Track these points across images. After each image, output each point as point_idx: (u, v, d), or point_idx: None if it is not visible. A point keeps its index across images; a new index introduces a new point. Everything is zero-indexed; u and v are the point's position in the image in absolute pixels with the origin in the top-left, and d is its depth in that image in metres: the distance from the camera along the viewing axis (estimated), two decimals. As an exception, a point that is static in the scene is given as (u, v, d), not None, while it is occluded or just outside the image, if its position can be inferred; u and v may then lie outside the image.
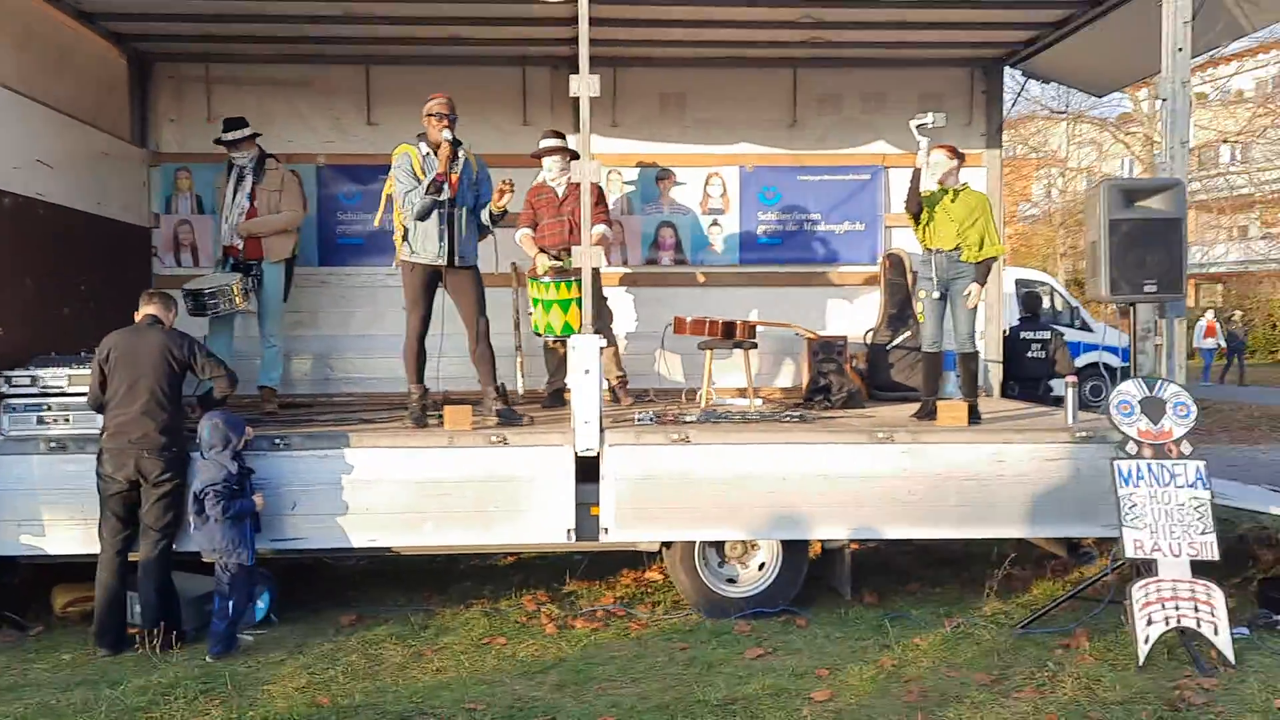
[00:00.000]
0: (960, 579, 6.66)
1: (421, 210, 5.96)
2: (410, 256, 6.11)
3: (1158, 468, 5.40)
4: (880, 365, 7.99)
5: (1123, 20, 6.72)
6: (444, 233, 6.04)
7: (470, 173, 6.17)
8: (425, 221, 6.02)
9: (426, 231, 6.05)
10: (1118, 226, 5.74)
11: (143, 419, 5.25)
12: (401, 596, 6.34)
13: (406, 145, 6.15)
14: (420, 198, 5.94)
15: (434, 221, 6.03)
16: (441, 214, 6.02)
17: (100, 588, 5.31)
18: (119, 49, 7.64)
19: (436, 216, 6.02)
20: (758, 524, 5.75)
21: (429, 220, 6.02)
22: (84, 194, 6.80)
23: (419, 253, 6.08)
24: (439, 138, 6.00)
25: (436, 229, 6.03)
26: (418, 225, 6.04)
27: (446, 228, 6.04)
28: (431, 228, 6.04)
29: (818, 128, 8.35)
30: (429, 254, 6.07)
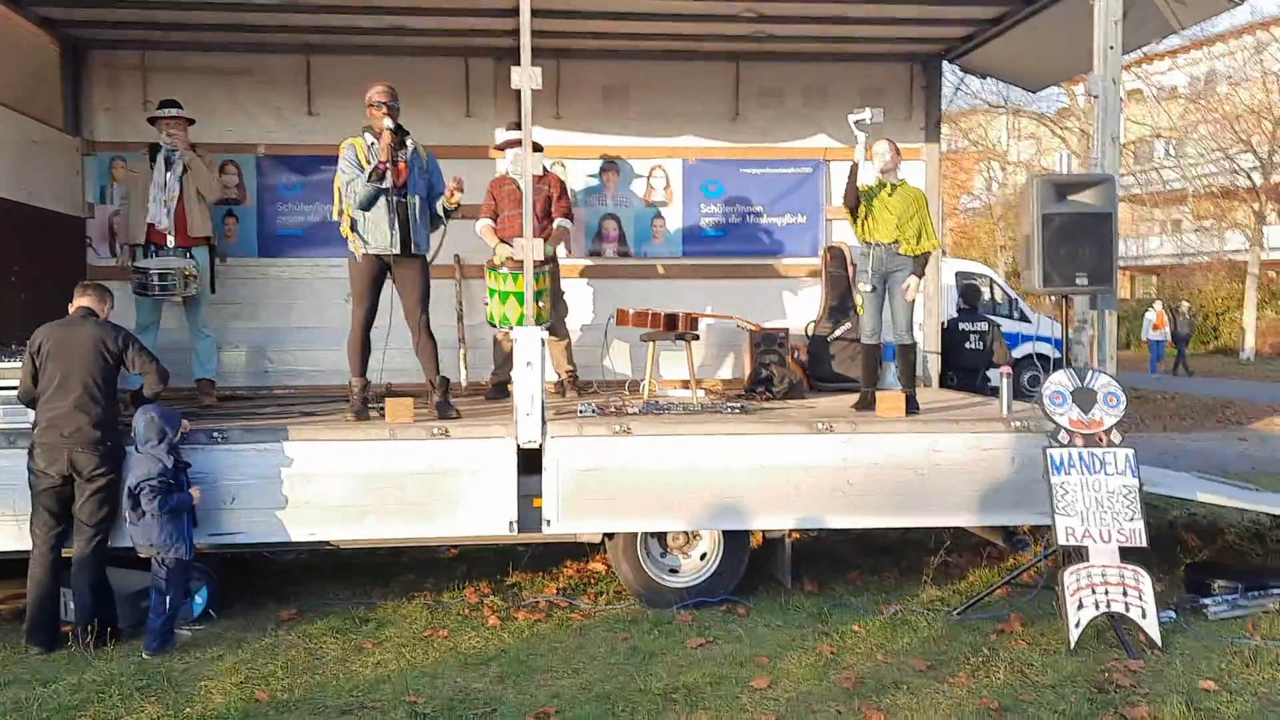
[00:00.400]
0: (899, 567, 6.77)
1: (364, 198, 5.92)
2: (362, 247, 6.05)
3: (1089, 456, 5.54)
4: (822, 357, 8.08)
5: (1056, 18, 6.85)
6: (394, 220, 5.99)
7: (420, 162, 6.13)
8: (373, 211, 5.97)
9: (376, 221, 5.99)
10: (1050, 220, 5.87)
11: (76, 413, 5.16)
12: (343, 590, 6.30)
13: (354, 138, 6.09)
14: (362, 186, 5.90)
15: (383, 210, 5.98)
16: (390, 202, 5.98)
17: (32, 585, 5.21)
18: (51, 35, 7.45)
19: (385, 205, 5.97)
20: (699, 515, 5.80)
21: (378, 210, 5.97)
22: (13, 183, 6.64)
23: (370, 243, 6.03)
24: (381, 125, 5.95)
25: (386, 217, 5.98)
26: (366, 216, 5.99)
27: (396, 216, 5.99)
28: (381, 216, 5.98)
29: (760, 121, 8.41)
30: (380, 244, 6.02)
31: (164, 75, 7.83)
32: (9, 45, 6.91)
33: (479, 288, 7.89)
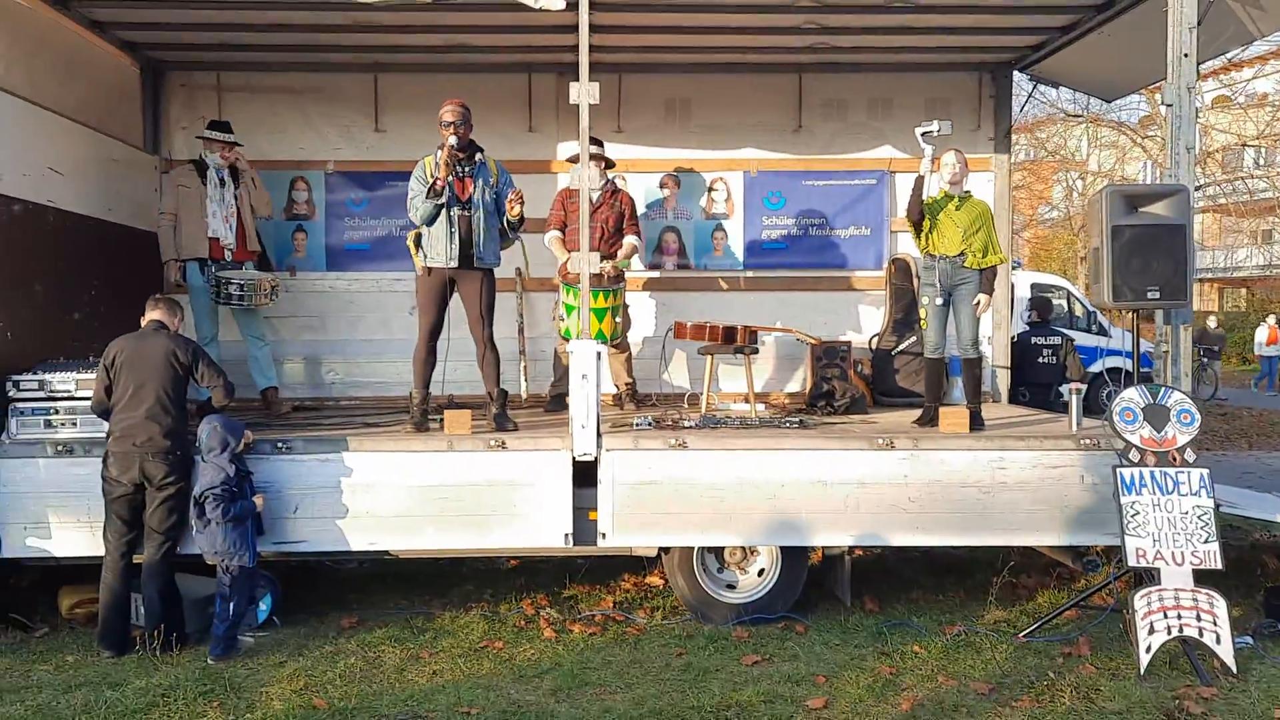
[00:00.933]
0: (963, 587, 6.63)
1: (424, 214, 6.04)
2: (423, 261, 6.17)
3: (1161, 475, 5.36)
4: (886, 371, 7.97)
5: (1131, 25, 6.68)
6: (452, 235, 6.08)
7: (488, 176, 6.20)
8: (435, 226, 6.08)
9: (437, 235, 6.10)
10: (1120, 233, 5.71)
11: (147, 423, 5.31)
12: (403, 599, 6.38)
13: (429, 155, 6.20)
14: (422, 202, 6.02)
15: (442, 225, 6.08)
16: (451, 217, 6.07)
17: (105, 589, 5.37)
18: (131, 57, 7.73)
19: (445, 220, 6.07)
20: (756, 530, 5.75)
21: (440, 224, 6.08)
22: (94, 200, 6.89)
23: (430, 256, 6.14)
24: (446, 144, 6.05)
25: (445, 232, 6.08)
26: (429, 230, 6.11)
27: (455, 230, 6.09)
28: (442, 231, 6.09)
29: (823, 133, 8.35)
30: (438, 257, 6.12)
31: (238, 94, 8.07)
32: (93, 68, 7.18)
33: (539, 300, 7.98)
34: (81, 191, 6.70)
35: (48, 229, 6.27)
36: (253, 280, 6.94)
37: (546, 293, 7.82)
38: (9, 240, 5.78)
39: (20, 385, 5.69)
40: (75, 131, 6.72)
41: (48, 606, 6.05)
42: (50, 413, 5.70)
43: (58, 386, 5.72)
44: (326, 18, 6.78)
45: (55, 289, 6.33)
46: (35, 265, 6.10)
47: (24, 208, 5.99)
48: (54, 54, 6.63)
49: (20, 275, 5.93)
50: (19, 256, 5.89)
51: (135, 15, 6.90)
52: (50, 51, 6.58)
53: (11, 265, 5.80)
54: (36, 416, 5.69)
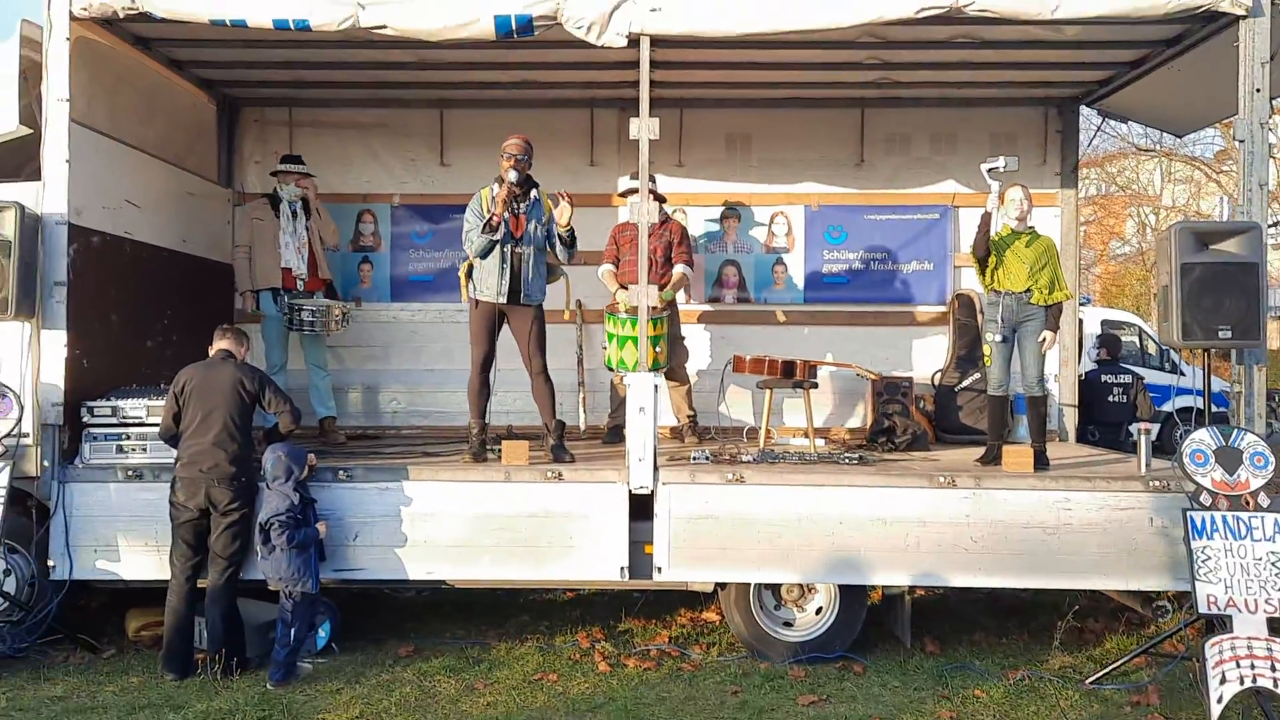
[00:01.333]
0: (1027, 630, 6.47)
1: (479, 248, 6.13)
2: (473, 293, 6.25)
3: (1233, 520, 5.20)
4: (948, 407, 7.86)
5: (1201, 60, 6.55)
6: (503, 270, 6.16)
7: (541, 214, 6.28)
8: (487, 260, 6.16)
9: (489, 270, 6.18)
10: (1190, 270, 5.59)
11: (214, 449, 5.44)
12: (459, 629, 6.41)
13: (486, 187, 6.31)
14: (477, 235, 6.10)
15: (495, 260, 6.17)
16: (504, 253, 6.15)
17: (170, 613, 5.48)
18: (208, 94, 7.99)
19: (498, 255, 6.15)
20: (814, 567, 5.68)
21: (492, 259, 6.16)
22: (169, 232, 7.10)
23: (480, 290, 6.21)
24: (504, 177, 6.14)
25: (498, 267, 6.16)
26: (481, 264, 6.19)
27: (507, 266, 6.16)
28: (492, 265, 6.17)
29: (885, 167, 8.31)
30: (489, 291, 6.20)
31: (308, 129, 8.29)
32: (171, 105, 7.43)
33: (599, 332, 8.01)
34: (158, 223, 6.92)
35: (125, 260, 6.47)
36: (324, 307, 7.16)
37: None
38: (88, 271, 5.97)
39: (94, 411, 5.87)
40: (153, 166, 6.95)
41: (115, 628, 6.19)
42: (122, 438, 5.88)
43: (130, 413, 5.90)
44: (394, 55, 6.93)
45: (130, 318, 6.52)
46: (112, 295, 6.30)
47: (102, 239, 6.20)
48: (134, 91, 6.87)
49: (97, 304, 6.12)
50: (97, 286, 6.09)
51: (213, 55, 7.13)
52: (131, 89, 6.82)
53: (89, 295, 5.99)
54: (109, 442, 5.87)
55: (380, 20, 5.72)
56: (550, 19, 5.73)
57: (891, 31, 6.14)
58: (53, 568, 5.68)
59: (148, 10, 5.72)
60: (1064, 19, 5.75)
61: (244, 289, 7.43)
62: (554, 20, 5.73)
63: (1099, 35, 6.45)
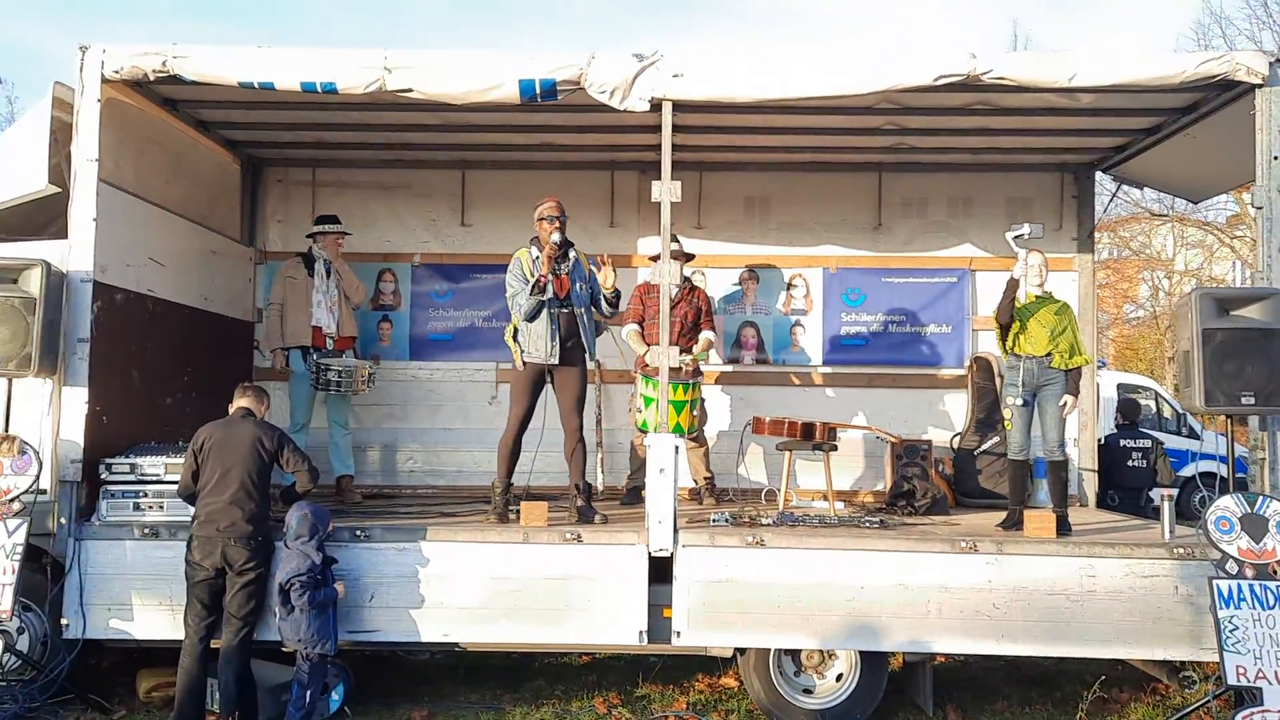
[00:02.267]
0: (1051, 699, 6.35)
1: (528, 311, 6.14)
2: (522, 355, 6.26)
3: (1260, 589, 5.14)
4: (968, 471, 7.81)
5: (1217, 126, 6.60)
6: (554, 332, 6.18)
7: (582, 272, 6.31)
8: (534, 322, 6.18)
9: (536, 331, 6.20)
10: (1211, 336, 5.57)
11: (231, 508, 5.41)
12: (474, 693, 6.32)
13: (521, 250, 6.34)
14: (526, 299, 6.12)
15: (544, 322, 6.18)
16: (551, 314, 6.17)
17: (182, 673, 5.41)
18: (233, 154, 8.10)
19: (546, 316, 6.17)
20: (834, 633, 5.60)
21: (541, 321, 6.18)
22: (191, 290, 7.16)
23: (529, 351, 6.23)
24: (547, 240, 6.17)
25: (549, 328, 6.18)
26: (528, 326, 6.21)
27: (557, 327, 6.19)
28: (541, 327, 6.19)
29: (903, 230, 8.36)
30: (539, 353, 6.21)
31: (331, 189, 8.39)
32: (196, 164, 7.53)
33: (617, 392, 8.02)
34: (180, 281, 6.97)
35: (147, 317, 6.52)
36: (351, 368, 7.18)
37: (624, 385, 7.86)
38: (110, 328, 6.00)
39: (112, 468, 5.86)
40: (177, 224, 7.03)
41: (126, 688, 6.12)
42: (139, 495, 5.85)
43: (148, 470, 5.88)
44: (417, 118, 7.03)
45: (151, 374, 6.54)
46: (133, 351, 6.33)
47: (125, 296, 6.24)
48: (161, 151, 6.97)
49: (119, 361, 6.15)
50: (118, 343, 6.11)
51: (239, 116, 7.25)
52: (157, 149, 6.92)
53: (110, 351, 6.01)
54: (126, 499, 5.84)
55: (406, 84, 5.82)
56: (574, 84, 5.82)
57: (909, 98, 6.21)
58: (66, 626, 5.63)
59: (178, 73, 5.84)
60: (1080, 87, 5.82)
61: (273, 346, 7.46)
62: (577, 85, 5.82)
63: (1115, 103, 6.50)
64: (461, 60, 5.85)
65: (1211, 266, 26.52)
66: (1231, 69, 5.71)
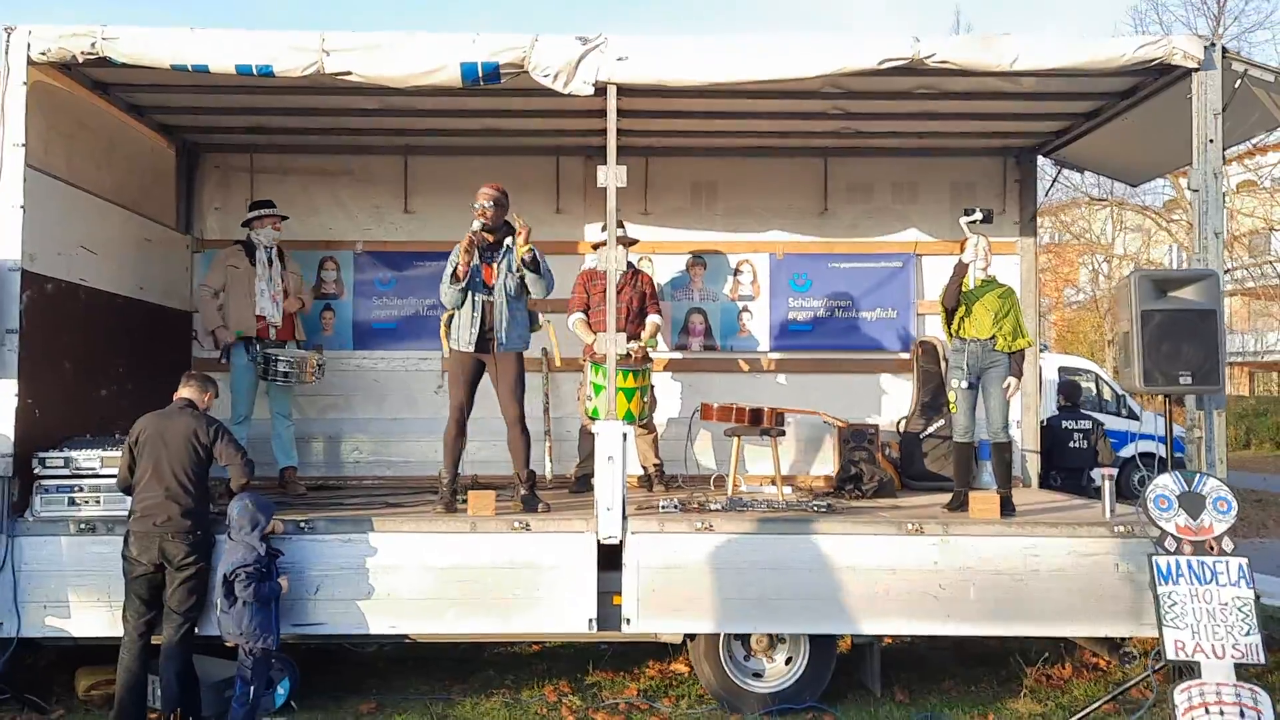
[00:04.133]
0: (996, 677, 6.44)
1: (449, 300, 6.13)
2: (451, 344, 6.21)
3: (1198, 565, 5.22)
4: (914, 454, 7.88)
5: (1155, 111, 6.69)
6: (474, 320, 6.12)
7: (512, 261, 6.23)
8: (461, 310, 6.13)
9: (462, 319, 6.16)
10: (1150, 317, 5.66)
11: (167, 502, 5.28)
12: (423, 684, 6.25)
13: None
14: (446, 286, 6.08)
15: (468, 309, 6.13)
16: (475, 302, 6.11)
17: (122, 671, 5.29)
18: (168, 140, 7.89)
19: (470, 304, 6.11)
20: (783, 617, 5.63)
21: (465, 308, 6.13)
22: (126, 279, 6.96)
23: (456, 339, 6.18)
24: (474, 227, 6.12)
25: (469, 317, 6.12)
26: (459, 314, 6.16)
27: (478, 315, 6.12)
28: (465, 315, 6.13)
29: (849, 216, 8.38)
30: (461, 341, 6.15)
31: (270, 176, 8.20)
32: (129, 150, 7.32)
33: (565, 380, 7.97)
34: (114, 270, 6.78)
35: (79, 307, 6.33)
36: (300, 358, 7.03)
37: (572, 373, 7.81)
38: (40, 318, 5.82)
39: (46, 462, 5.70)
40: (110, 211, 6.83)
41: (64, 687, 5.96)
42: (74, 490, 5.70)
43: (83, 464, 5.72)
44: (359, 102, 6.90)
45: (84, 366, 6.37)
46: (65, 342, 6.14)
47: (56, 286, 6.06)
48: (92, 136, 6.77)
49: (50, 352, 5.97)
50: (49, 334, 5.93)
51: (173, 100, 7.05)
52: (89, 133, 6.72)
53: (42, 342, 5.83)
54: (60, 494, 5.69)
55: (345, 67, 5.70)
56: (517, 67, 5.74)
57: (854, 82, 6.21)
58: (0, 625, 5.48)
59: (108, 55, 5.66)
60: (1021, 70, 5.86)
61: (214, 325, 7.13)
62: (521, 68, 5.74)
63: (1055, 87, 6.57)
64: (402, 42, 5.73)
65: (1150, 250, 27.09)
66: (1168, 53, 5.78)
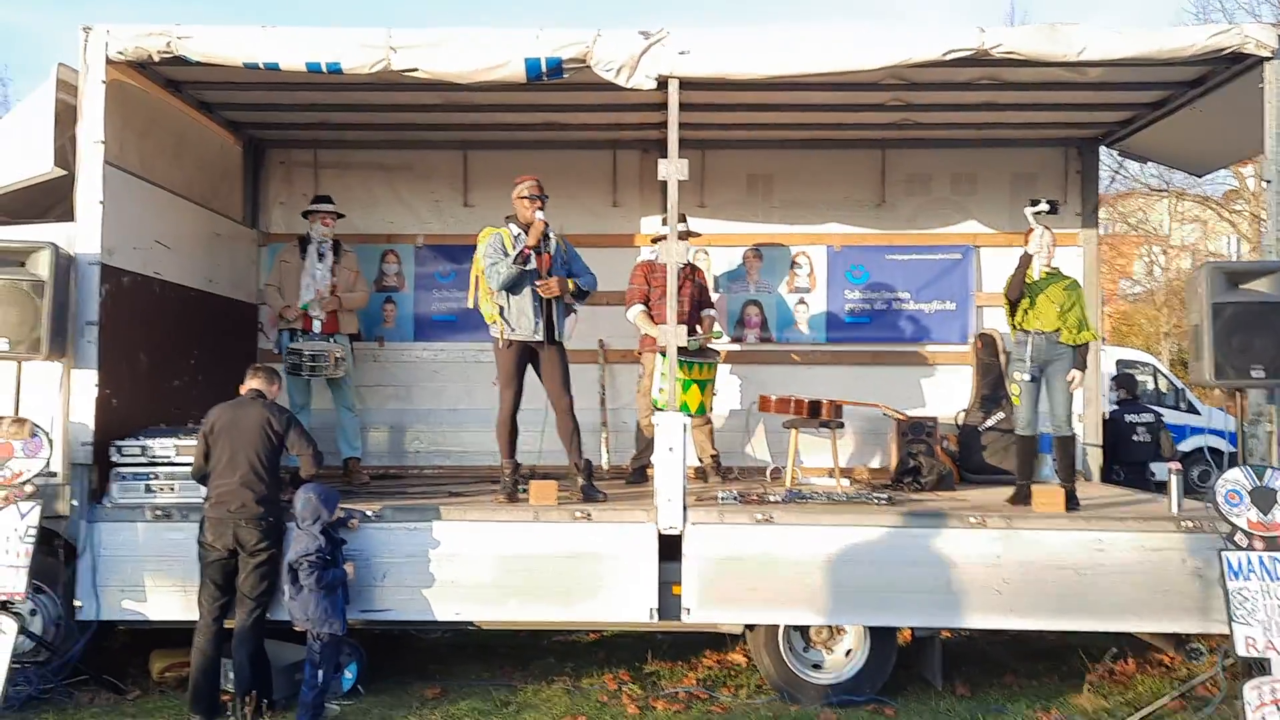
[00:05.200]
0: (1059, 672, 6.39)
1: (506, 279, 6.12)
2: (508, 334, 6.25)
3: (1270, 561, 5.16)
4: (972, 447, 7.84)
5: (1223, 100, 6.57)
6: (539, 309, 6.19)
7: (561, 254, 6.32)
8: (519, 300, 6.18)
9: (522, 309, 6.21)
10: (1221, 310, 5.58)
11: (242, 489, 5.42)
12: (485, 671, 6.35)
13: (495, 228, 6.33)
14: (507, 268, 6.11)
15: (528, 299, 6.19)
16: (533, 291, 6.17)
17: (196, 654, 5.44)
18: (235, 136, 8.06)
19: (531, 294, 6.17)
20: (842, 609, 5.64)
21: (524, 298, 6.18)
22: (196, 272, 7.14)
23: (516, 329, 6.23)
24: (531, 217, 6.18)
25: (532, 306, 6.19)
26: (512, 303, 6.20)
27: (542, 305, 6.18)
28: (527, 305, 6.19)
29: (906, 207, 8.34)
30: (525, 331, 6.21)
31: (333, 171, 8.35)
32: (199, 146, 7.50)
33: (621, 371, 8.02)
34: (185, 264, 6.96)
35: (154, 300, 6.51)
36: (322, 352, 7.06)
37: (628, 364, 7.86)
38: (118, 311, 5.99)
39: (123, 450, 5.87)
40: (182, 207, 7.01)
41: (139, 669, 6.14)
42: (150, 478, 5.87)
43: (158, 452, 5.89)
44: (420, 98, 7.00)
45: (158, 357, 6.54)
46: (140, 334, 6.32)
47: (133, 279, 6.23)
48: (164, 133, 6.94)
49: (127, 344, 6.14)
50: (126, 326, 6.10)
51: (241, 97, 7.21)
52: (161, 130, 6.89)
53: (120, 335, 6.01)
54: (137, 481, 5.86)
55: (412, 63, 5.79)
56: (580, 62, 5.79)
57: (915, 73, 6.18)
58: (79, 608, 5.66)
59: (183, 54, 5.80)
60: (1089, 60, 5.79)
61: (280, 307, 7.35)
62: (583, 63, 5.79)
63: (1122, 76, 6.48)
64: (467, 39, 5.80)
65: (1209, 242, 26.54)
66: (1240, 42, 5.69)
